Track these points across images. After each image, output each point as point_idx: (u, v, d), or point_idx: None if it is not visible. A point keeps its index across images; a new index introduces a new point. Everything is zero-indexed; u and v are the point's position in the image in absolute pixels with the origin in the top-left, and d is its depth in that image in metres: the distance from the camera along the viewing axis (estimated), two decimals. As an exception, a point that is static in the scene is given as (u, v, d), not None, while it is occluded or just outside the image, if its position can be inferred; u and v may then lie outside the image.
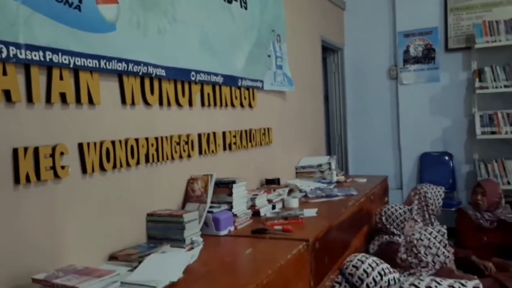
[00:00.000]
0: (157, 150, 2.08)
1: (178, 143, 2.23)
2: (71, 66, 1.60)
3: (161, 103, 2.12)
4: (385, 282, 1.52)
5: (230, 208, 2.28)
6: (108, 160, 1.78)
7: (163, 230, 1.96)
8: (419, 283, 1.02)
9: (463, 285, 1.03)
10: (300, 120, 3.96)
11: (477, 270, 3.34)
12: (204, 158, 2.46)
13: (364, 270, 1.54)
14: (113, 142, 1.81)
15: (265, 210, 2.56)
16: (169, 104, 2.18)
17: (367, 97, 5.29)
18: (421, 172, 5.03)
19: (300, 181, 3.45)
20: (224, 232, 2.17)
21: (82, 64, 1.64)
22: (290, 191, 2.99)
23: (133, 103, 1.95)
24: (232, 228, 2.22)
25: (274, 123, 3.37)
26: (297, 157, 3.88)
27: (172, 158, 2.19)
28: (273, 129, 3.32)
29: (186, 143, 2.29)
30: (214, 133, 2.54)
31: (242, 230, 2.24)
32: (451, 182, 4.89)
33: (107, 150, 1.78)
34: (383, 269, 1.55)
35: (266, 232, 2.14)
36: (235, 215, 2.28)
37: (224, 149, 2.66)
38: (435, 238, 2.18)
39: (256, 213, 2.49)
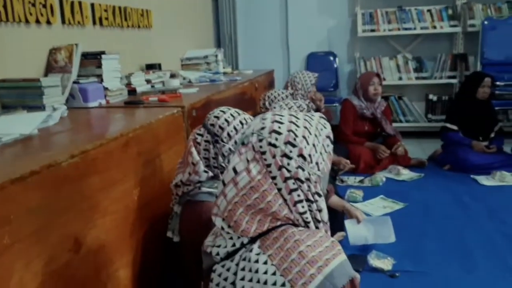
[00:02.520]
0: (4, 7, 1.78)
1: (33, 4, 1.94)
2: None
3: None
4: None
5: (101, 81, 2.11)
6: None
7: (18, 97, 1.74)
8: (279, 127, 1.00)
9: (310, 117, 1.04)
10: (185, 12, 3.74)
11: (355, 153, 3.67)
12: (69, 29, 2.20)
13: (225, 120, 1.52)
14: None
15: (143, 90, 2.41)
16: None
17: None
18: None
19: (185, 72, 3.33)
20: (93, 104, 2.00)
21: None
22: (173, 76, 2.86)
23: None
24: (103, 102, 2.07)
25: (154, 4, 3.12)
26: (183, 50, 3.71)
27: (27, 21, 1.91)
28: (152, 11, 3.08)
29: (44, 6, 2.00)
30: (80, 2, 2.26)
31: (115, 104, 2.10)
32: (335, 82, 5.13)
33: None
34: (244, 118, 1.55)
35: (140, 103, 2.03)
36: (106, 89, 2.11)
37: (94, 23, 2.40)
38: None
39: (132, 92, 2.34)
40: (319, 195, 1.02)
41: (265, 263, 0.94)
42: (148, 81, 2.51)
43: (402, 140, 3.84)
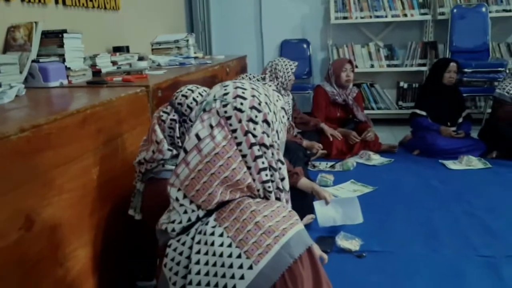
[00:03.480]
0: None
1: (-13, -22, 1.86)
2: None
3: None
4: None
5: (63, 61, 2.04)
6: None
7: (-29, 75, 1.67)
8: (243, 92, 0.98)
9: (267, 87, 1.03)
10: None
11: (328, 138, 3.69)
12: (29, 8, 2.12)
13: (194, 99, 1.49)
14: None
15: (108, 71, 2.35)
16: None
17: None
18: (281, 59, 5.15)
19: (155, 56, 3.26)
20: (54, 84, 1.94)
21: None
22: (141, 59, 2.80)
23: None
24: (65, 81, 2.00)
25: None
26: (154, 35, 3.64)
27: (-18, -3, 1.83)
28: (120, -8, 3.01)
29: (0, -19, 1.92)
30: (40, -21, 2.18)
31: (78, 84, 2.04)
32: (308, 69, 5.12)
33: None
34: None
35: (103, 83, 1.98)
36: (68, 69, 2.04)
37: (56, 2, 2.32)
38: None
39: (97, 73, 2.28)
40: (282, 163, 1.02)
41: (221, 235, 0.92)
42: (114, 63, 2.45)
43: (373, 126, 3.88)
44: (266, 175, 0.98)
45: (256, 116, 0.96)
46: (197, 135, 0.96)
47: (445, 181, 3.13)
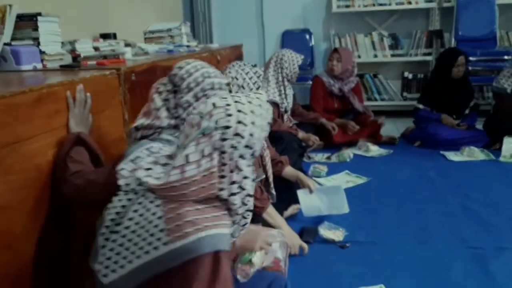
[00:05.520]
0: None
1: (-42, -40, 1.82)
2: None
3: None
4: (208, 84, 1.46)
5: (37, 45, 2.00)
6: None
7: None
8: (243, 130, 1.05)
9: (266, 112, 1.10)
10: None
11: (325, 130, 3.60)
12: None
13: (187, 71, 1.46)
14: None
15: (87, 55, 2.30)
16: None
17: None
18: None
19: (145, 44, 3.21)
20: (27, 67, 1.89)
21: None
22: (128, 45, 2.75)
23: None
24: (39, 65, 1.96)
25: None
26: (149, 24, 3.60)
27: (-48, -22, 1.79)
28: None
29: (-28, -38, 1.89)
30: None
31: (52, 68, 2.00)
32: (311, 60, 5.03)
33: None
34: (207, 72, 1.47)
35: (76, 66, 1.93)
36: (43, 52, 2.00)
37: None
38: (250, 78, 2.16)
39: (76, 59, 2.24)
40: (250, 196, 1.07)
41: (158, 206, 1.02)
42: (96, 49, 2.40)
43: (373, 116, 3.77)
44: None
45: (247, 153, 1.03)
46: (187, 156, 1.02)
47: (444, 173, 3.02)
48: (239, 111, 1.05)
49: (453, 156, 3.34)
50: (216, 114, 1.05)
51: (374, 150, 3.53)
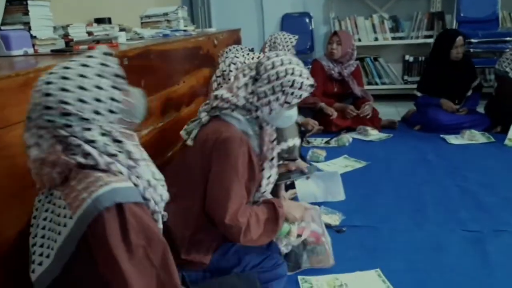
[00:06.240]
0: None
1: None
2: None
3: None
4: (289, 81, 1.50)
5: (28, 29, 1.97)
6: None
7: None
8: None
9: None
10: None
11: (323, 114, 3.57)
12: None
13: (272, 62, 1.51)
14: None
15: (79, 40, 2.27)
16: None
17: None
18: (282, 33, 5.00)
19: (141, 29, 3.17)
20: (17, 52, 1.87)
21: None
22: (123, 30, 2.72)
23: None
24: (30, 50, 1.93)
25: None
26: (147, 8, 3.55)
27: None
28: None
29: None
30: None
31: (43, 53, 1.97)
32: (311, 44, 4.97)
33: None
34: (293, 69, 1.51)
35: (67, 51, 1.91)
36: (34, 37, 1.98)
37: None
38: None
39: (69, 43, 2.21)
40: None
41: (58, 190, 1.05)
42: (90, 34, 2.37)
43: (372, 101, 3.72)
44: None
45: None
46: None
47: (443, 156, 3.00)
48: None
49: (453, 139, 3.30)
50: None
51: (374, 134, 3.50)
